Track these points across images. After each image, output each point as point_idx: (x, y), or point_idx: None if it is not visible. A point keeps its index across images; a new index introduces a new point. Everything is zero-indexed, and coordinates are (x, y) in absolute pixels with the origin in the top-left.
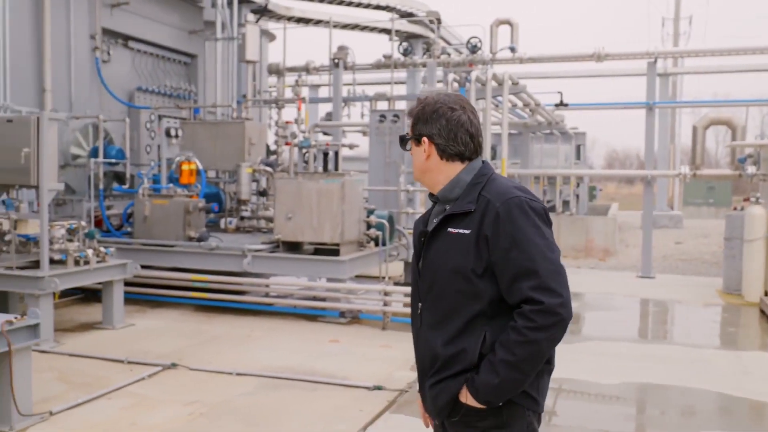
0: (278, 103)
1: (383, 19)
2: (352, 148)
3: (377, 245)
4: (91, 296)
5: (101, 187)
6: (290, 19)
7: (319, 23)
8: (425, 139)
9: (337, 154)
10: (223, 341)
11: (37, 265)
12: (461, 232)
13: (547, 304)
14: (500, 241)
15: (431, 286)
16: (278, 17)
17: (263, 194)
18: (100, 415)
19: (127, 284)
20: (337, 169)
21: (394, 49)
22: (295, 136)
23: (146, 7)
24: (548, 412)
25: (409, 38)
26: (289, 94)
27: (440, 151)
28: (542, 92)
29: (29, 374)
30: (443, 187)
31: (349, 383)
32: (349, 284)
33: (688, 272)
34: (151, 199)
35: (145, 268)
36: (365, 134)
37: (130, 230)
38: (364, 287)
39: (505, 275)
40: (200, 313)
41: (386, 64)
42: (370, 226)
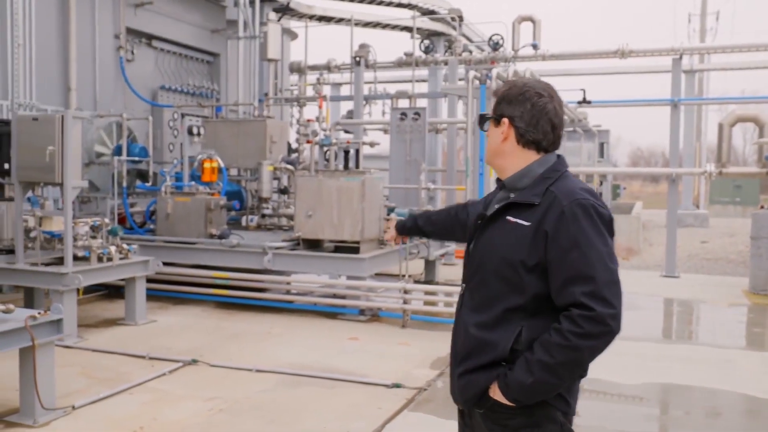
0: (300, 101)
1: (405, 17)
2: (372, 146)
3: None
4: (114, 293)
5: (125, 184)
6: (312, 17)
7: (340, 21)
8: (506, 120)
9: (357, 152)
10: (243, 338)
11: (61, 261)
12: (520, 222)
13: (598, 312)
14: (560, 240)
15: (478, 269)
16: (300, 16)
17: (284, 192)
18: (121, 409)
19: (149, 281)
20: (357, 167)
21: (415, 47)
22: (316, 134)
23: (169, 6)
24: None
25: (430, 36)
26: (310, 92)
27: (519, 135)
28: (565, 89)
29: (52, 369)
30: (513, 174)
31: (367, 381)
32: (368, 282)
33: (713, 272)
34: (173, 196)
35: (167, 265)
36: (386, 132)
37: (152, 227)
38: (383, 285)
39: (558, 275)
40: (221, 310)
41: (407, 62)
42: None
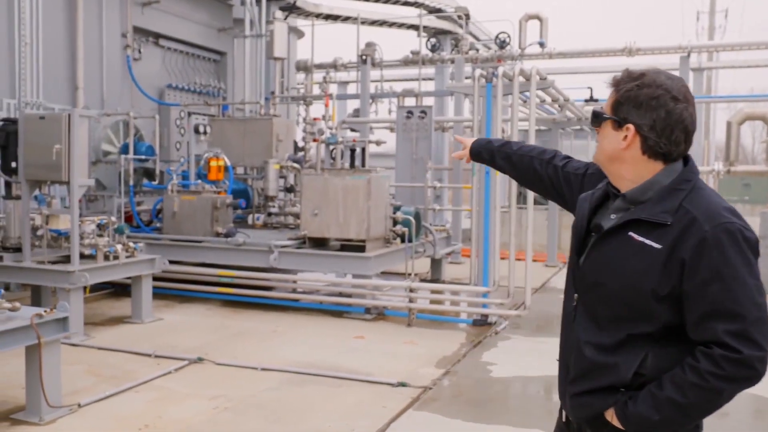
0: (306, 99)
1: (411, 15)
2: (378, 144)
3: (403, 242)
4: (120, 291)
5: (131, 183)
6: (318, 16)
7: (347, 20)
8: (631, 127)
9: (363, 150)
10: (248, 336)
11: (67, 259)
12: (649, 243)
13: (746, 355)
14: (701, 270)
15: (594, 287)
16: (307, 14)
17: (290, 190)
18: (127, 407)
19: (155, 279)
20: (364, 165)
21: (422, 45)
22: (322, 132)
23: (176, 5)
24: None
25: (437, 34)
26: (317, 90)
27: (645, 145)
28: (572, 87)
29: (58, 367)
30: (634, 187)
31: (373, 380)
32: (374, 281)
33: None
34: (179, 195)
35: (173, 263)
36: (392, 130)
37: (159, 226)
38: (389, 284)
39: (697, 309)
40: (227, 308)
41: (414, 60)
42: (396, 222)
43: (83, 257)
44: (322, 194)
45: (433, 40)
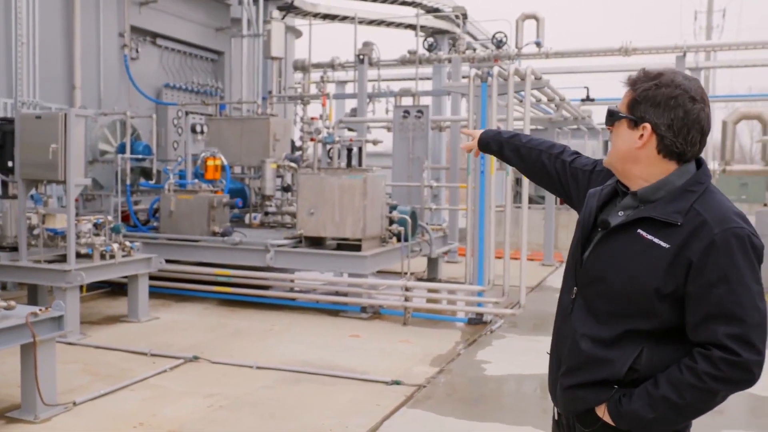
0: (303, 99)
1: (409, 14)
2: (375, 143)
3: (399, 241)
4: (117, 290)
5: (128, 182)
6: (316, 15)
7: (344, 19)
8: (648, 126)
9: (360, 149)
10: (244, 335)
11: (64, 258)
12: (657, 242)
13: (744, 358)
14: (707, 272)
15: (596, 281)
16: (304, 14)
17: (287, 190)
18: (122, 405)
19: (152, 278)
20: (360, 164)
21: (418, 45)
22: (319, 132)
23: (174, 4)
24: None
25: (434, 34)
26: (314, 90)
27: (661, 145)
28: (569, 87)
29: (53, 365)
30: (647, 186)
31: (367, 378)
32: (370, 279)
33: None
34: (176, 194)
35: (170, 262)
36: (389, 130)
37: (156, 225)
38: (385, 283)
39: (699, 310)
40: (223, 307)
41: (411, 59)
42: (392, 221)
43: (79, 256)
44: (318, 193)
45: (430, 39)
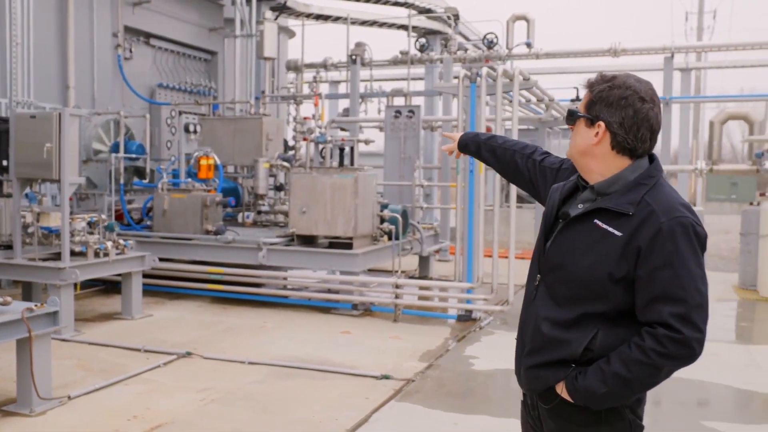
0: (296, 99)
1: (402, 15)
2: (367, 143)
3: (390, 239)
4: (111, 288)
5: (122, 181)
6: (309, 15)
7: (337, 20)
8: (602, 124)
9: (352, 149)
10: (237, 332)
11: (58, 256)
12: (611, 231)
13: (686, 335)
14: (654, 257)
15: (556, 268)
16: (297, 14)
17: (280, 189)
18: (116, 399)
19: (146, 276)
20: (352, 164)
21: (410, 45)
22: (312, 131)
23: (167, 5)
24: None
25: (427, 34)
26: (307, 90)
27: (614, 141)
28: (560, 87)
29: (49, 359)
30: (602, 180)
31: (357, 372)
32: (361, 277)
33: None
34: (170, 193)
35: (164, 260)
36: (382, 130)
37: (150, 224)
38: (376, 280)
39: (646, 293)
40: (216, 304)
41: (403, 60)
42: (383, 220)
43: (74, 254)
44: (310, 192)
45: (422, 40)
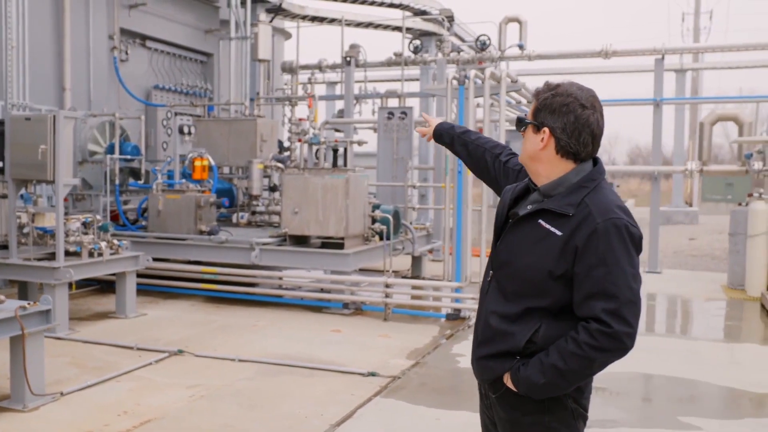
0: (291, 100)
1: (397, 17)
2: (360, 144)
3: (382, 239)
4: (106, 287)
5: (117, 182)
6: (305, 17)
7: (333, 22)
8: (546, 129)
9: (346, 150)
10: (229, 330)
11: (53, 256)
12: (552, 230)
13: (616, 329)
14: (589, 256)
15: (505, 264)
16: (293, 16)
17: (274, 189)
18: (108, 396)
19: (141, 276)
20: (346, 165)
21: (404, 47)
22: (305, 133)
23: (163, 7)
24: None
25: (422, 36)
26: (301, 91)
27: (558, 146)
28: None
29: (42, 357)
30: (548, 183)
31: (345, 370)
32: (352, 276)
33: (697, 268)
34: (164, 194)
35: (158, 260)
36: (376, 131)
37: (144, 224)
38: (367, 280)
39: (582, 289)
40: (210, 304)
41: (397, 61)
42: (375, 220)
43: (68, 254)
44: (302, 193)
45: (416, 41)
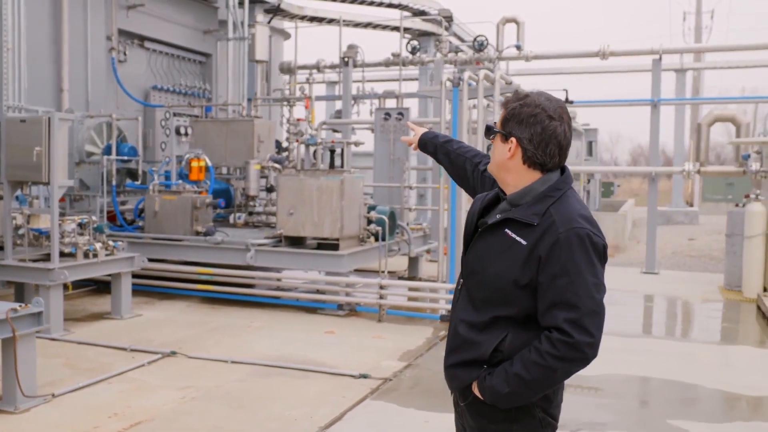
0: (289, 101)
1: (395, 17)
2: (357, 145)
3: (377, 240)
4: (103, 288)
5: (114, 183)
6: (303, 18)
7: (331, 22)
8: (514, 139)
9: (343, 151)
10: (223, 331)
11: (48, 257)
12: (517, 240)
13: (576, 339)
14: (551, 265)
15: (473, 273)
16: (291, 16)
17: (271, 190)
18: (99, 397)
19: (137, 277)
20: (343, 165)
21: (402, 47)
22: (302, 133)
23: (161, 8)
24: None
25: (420, 36)
26: (299, 92)
27: (525, 156)
28: (551, 90)
29: (33, 359)
30: (516, 192)
31: (336, 371)
32: (347, 278)
33: (695, 268)
34: (161, 195)
35: (155, 261)
36: (373, 131)
37: (141, 225)
38: (361, 281)
39: (545, 299)
40: (205, 304)
41: (394, 62)
42: (370, 221)
43: (63, 255)
44: (297, 194)
45: (414, 42)
